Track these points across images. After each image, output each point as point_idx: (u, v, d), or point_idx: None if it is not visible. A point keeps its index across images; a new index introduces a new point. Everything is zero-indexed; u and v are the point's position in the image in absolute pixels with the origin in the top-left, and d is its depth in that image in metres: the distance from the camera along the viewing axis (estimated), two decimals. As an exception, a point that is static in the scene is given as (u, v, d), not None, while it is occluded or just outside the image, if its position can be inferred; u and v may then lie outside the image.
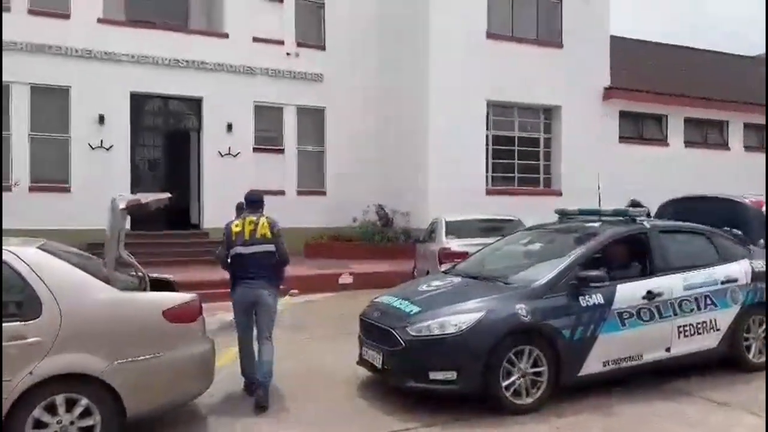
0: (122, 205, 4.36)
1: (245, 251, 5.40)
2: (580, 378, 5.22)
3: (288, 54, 15.84)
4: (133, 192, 14.17)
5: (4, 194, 12.70)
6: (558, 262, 5.52)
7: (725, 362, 5.91)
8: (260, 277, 5.40)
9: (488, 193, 15.58)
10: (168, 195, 4.64)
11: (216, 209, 12.80)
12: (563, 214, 6.83)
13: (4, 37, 13.18)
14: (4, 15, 13.29)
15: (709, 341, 5.76)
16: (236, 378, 5.71)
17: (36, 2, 13.66)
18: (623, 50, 17.52)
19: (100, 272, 4.32)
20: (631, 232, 5.82)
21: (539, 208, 10.95)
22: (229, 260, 5.57)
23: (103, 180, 13.44)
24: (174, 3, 16.60)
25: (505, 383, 4.90)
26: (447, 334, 4.91)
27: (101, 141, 14.12)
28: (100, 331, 4.07)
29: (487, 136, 15.87)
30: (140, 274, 4.58)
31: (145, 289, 4.49)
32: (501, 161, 16.30)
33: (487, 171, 15.92)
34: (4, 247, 4.02)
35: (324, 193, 16.29)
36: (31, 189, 13.52)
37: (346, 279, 12.35)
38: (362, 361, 5.62)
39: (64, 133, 13.96)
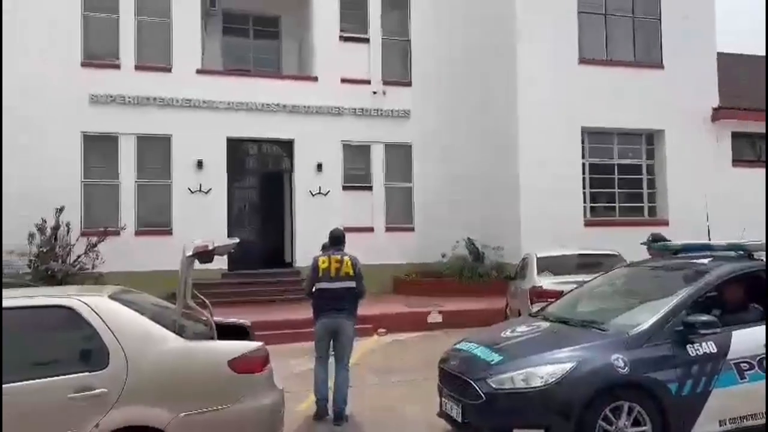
0: (189, 252, 4.33)
1: (330, 286, 6.15)
2: (692, 439, 4.55)
3: (374, 92, 15.97)
4: (229, 235, 14.77)
5: (114, 239, 13.57)
6: (661, 304, 4.91)
7: None
8: (343, 309, 6.14)
9: (587, 224, 14.71)
10: (236, 240, 4.58)
11: (307, 247, 12.87)
12: (665, 249, 6.11)
13: (114, 92, 14.32)
14: (114, 72, 14.46)
15: None
16: (315, 424, 5.51)
17: (141, 58, 14.68)
18: (725, 66, 16.16)
19: (169, 321, 4.27)
20: (748, 269, 5.10)
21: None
22: (313, 292, 6.24)
23: (202, 222, 14.00)
24: (267, 50, 17.39)
25: (601, 444, 4.34)
26: (532, 387, 4.44)
27: (200, 185, 14.77)
28: (166, 381, 3.99)
29: (583, 165, 15.08)
30: (209, 321, 4.50)
31: (212, 338, 4.40)
32: (600, 190, 15.41)
33: (585, 201, 15.07)
34: (75, 296, 4.08)
35: (412, 229, 16.07)
36: (137, 233, 14.31)
37: (435, 317, 11.97)
38: (442, 413, 5.23)
39: (166, 179, 14.73)
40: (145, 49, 14.75)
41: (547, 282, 8.88)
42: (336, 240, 6.34)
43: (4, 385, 3.74)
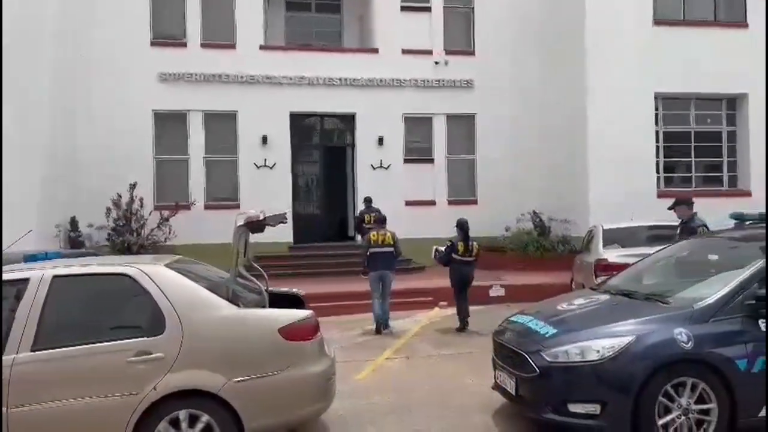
0: (240, 222, 4.41)
1: (379, 250, 9.30)
2: (760, 420, 4.27)
3: (436, 63, 15.70)
4: (294, 209, 15.05)
5: (185, 212, 14.10)
6: (731, 277, 4.60)
7: None
8: (386, 265, 9.30)
9: (660, 195, 13.99)
10: (286, 212, 4.63)
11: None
12: (741, 219, 5.76)
13: (182, 69, 14.73)
14: (182, 50, 14.86)
15: None
16: (371, 394, 5.57)
17: (207, 36, 15.00)
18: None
19: (223, 289, 4.38)
20: (829, 240, 4.69)
21: (723, 211, 9.50)
22: (368, 254, 9.31)
23: (268, 196, 14.23)
24: (329, 24, 17.38)
25: (661, 422, 4.16)
26: (588, 361, 4.29)
27: (265, 160, 15.06)
28: (219, 348, 4.11)
29: (657, 133, 14.33)
30: (261, 289, 4.59)
31: (264, 306, 4.48)
32: (675, 160, 14.65)
33: (658, 171, 14.37)
34: (133, 265, 4.25)
35: (475, 202, 15.81)
36: (206, 207, 14.80)
37: (497, 291, 11.82)
38: (497, 386, 5.15)
39: (232, 154, 15.11)
40: (210, 26, 15.07)
41: (613, 255, 8.55)
42: (381, 222, 9.83)
43: (69, 348, 3.96)
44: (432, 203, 15.47)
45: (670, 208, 7.37)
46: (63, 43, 13.50)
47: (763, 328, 4.29)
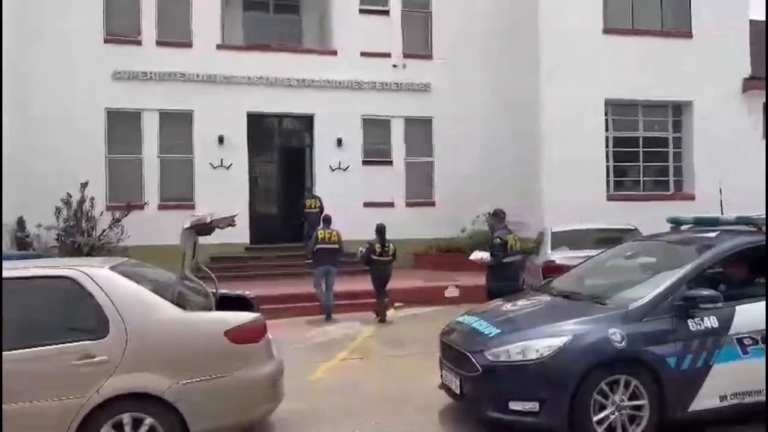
0: (188, 224, 4.41)
1: (326, 247, 10.42)
2: (691, 414, 4.51)
3: (395, 66, 15.84)
4: (251, 210, 14.99)
5: (138, 213, 13.87)
6: (664, 278, 4.84)
7: None
8: (331, 261, 10.42)
9: (610, 199, 14.49)
10: (235, 214, 4.65)
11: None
12: (677, 223, 6.03)
13: (137, 68, 14.49)
14: (136, 48, 14.62)
15: None
16: (325, 393, 5.63)
17: (163, 34, 14.78)
18: (756, 34, 15.54)
19: (169, 292, 4.38)
20: (754, 243, 4.96)
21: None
22: (315, 251, 10.43)
23: (224, 197, 14.10)
24: (288, 25, 17.29)
25: (596, 418, 4.34)
26: (528, 360, 4.44)
27: (221, 160, 14.93)
28: (164, 351, 4.12)
29: (607, 138, 14.79)
30: (207, 292, 4.60)
31: (211, 309, 4.50)
32: (624, 164, 15.13)
33: (608, 175, 14.83)
34: (76, 267, 4.21)
35: (433, 204, 16.02)
36: (160, 207, 14.58)
37: (452, 292, 11.99)
38: (443, 385, 5.28)
39: (188, 154, 14.93)
40: (165, 24, 14.85)
41: (560, 256, 8.83)
42: (327, 222, 10.93)
43: (13, 351, 3.90)
44: (390, 205, 15.59)
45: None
46: (13, 39, 13.11)
47: (692, 327, 4.52)
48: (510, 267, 7.81)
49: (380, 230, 10.57)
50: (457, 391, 4.89)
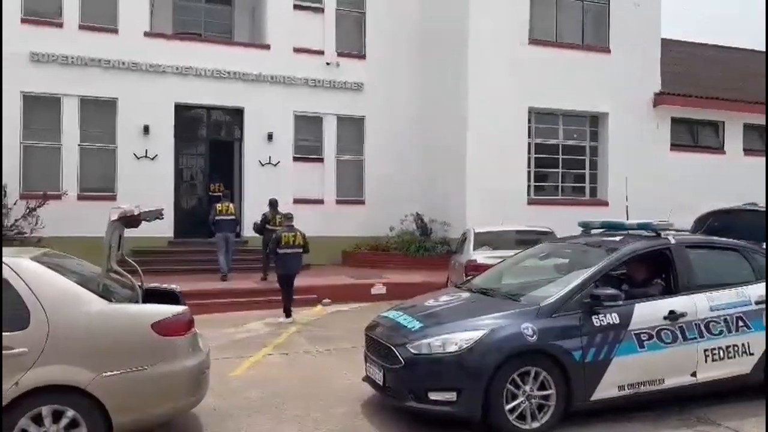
0: (114, 216, 4.38)
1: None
2: (593, 403, 4.91)
3: (328, 64, 15.92)
4: (176, 202, 14.67)
5: (55, 203, 13.30)
6: (572, 278, 5.23)
7: (760, 390, 5.43)
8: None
9: (530, 203, 15.16)
10: (162, 208, 4.64)
11: (257, 217, 12.88)
12: (586, 227, 6.48)
13: (57, 51, 13.87)
14: (57, 30, 13.99)
15: (741, 367, 5.31)
16: (245, 388, 5.68)
17: (86, 18, 14.22)
18: (670, 52, 16.73)
19: (94, 284, 4.34)
20: (653, 247, 5.44)
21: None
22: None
23: (148, 189, 13.73)
24: (219, 16, 17.05)
25: (508, 406, 4.65)
26: (447, 352, 4.71)
27: (146, 151, 14.53)
28: (87, 343, 4.08)
29: (529, 145, 15.46)
30: (133, 284, 4.58)
31: (137, 301, 4.48)
32: (544, 170, 15.86)
33: (529, 180, 15.50)
34: (-5, 258, 4.10)
35: (363, 202, 16.24)
36: (79, 197, 14.03)
37: (379, 289, 12.23)
38: (367, 378, 5.47)
39: (111, 143, 14.44)
40: (89, 7, 14.31)
41: (482, 256, 9.22)
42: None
43: None
44: (320, 202, 15.70)
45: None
46: None
47: (596, 323, 4.91)
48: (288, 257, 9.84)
49: (273, 204, 12.34)
50: (381, 383, 5.09)
